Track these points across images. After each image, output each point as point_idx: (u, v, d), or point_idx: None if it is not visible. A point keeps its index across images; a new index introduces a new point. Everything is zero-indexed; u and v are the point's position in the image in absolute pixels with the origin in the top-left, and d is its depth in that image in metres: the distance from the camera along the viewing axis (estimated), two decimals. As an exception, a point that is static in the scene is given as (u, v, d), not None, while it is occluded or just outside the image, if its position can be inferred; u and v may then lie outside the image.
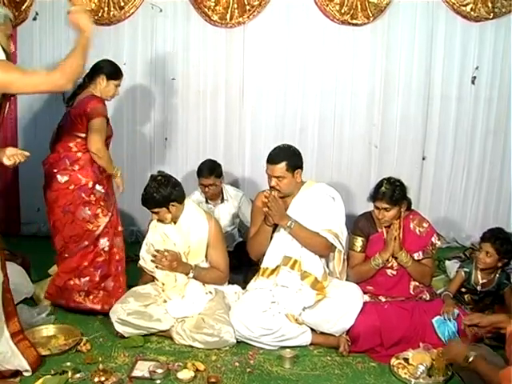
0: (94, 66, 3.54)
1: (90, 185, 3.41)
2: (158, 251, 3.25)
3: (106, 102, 3.53)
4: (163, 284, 3.32)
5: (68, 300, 3.50)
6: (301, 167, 3.29)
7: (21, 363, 2.72)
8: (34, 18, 5.02)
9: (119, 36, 4.94)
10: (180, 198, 3.30)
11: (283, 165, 3.19)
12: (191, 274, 3.26)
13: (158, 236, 3.35)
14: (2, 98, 2.59)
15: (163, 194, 3.21)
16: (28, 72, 2.56)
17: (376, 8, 4.68)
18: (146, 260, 3.38)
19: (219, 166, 4.21)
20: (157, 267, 3.27)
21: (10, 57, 2.67)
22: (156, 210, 3.24)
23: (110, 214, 3.48)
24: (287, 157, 3.23)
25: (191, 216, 3.35)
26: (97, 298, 3.48)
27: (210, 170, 4.12)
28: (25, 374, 2.74)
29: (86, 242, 3.43)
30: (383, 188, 3.20)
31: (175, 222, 3.32)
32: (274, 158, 3.22)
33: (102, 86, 3.51)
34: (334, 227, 3.24)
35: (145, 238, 3.50)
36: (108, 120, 3.50)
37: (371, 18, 4.70)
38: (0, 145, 2.70)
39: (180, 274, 3.28)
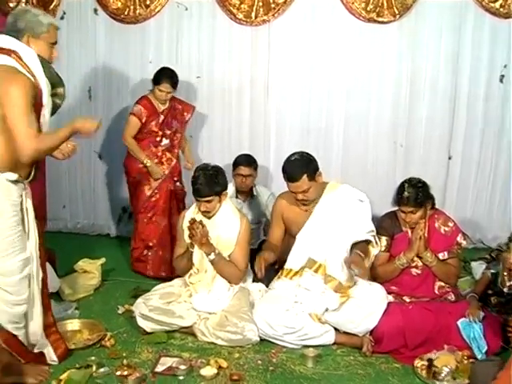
0: None
1: None
2: (195, 220, 3.25)
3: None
4: (197, 270, 3.34)
5: None
6: (318, 168, 3.27)
7: (49, 354, 2.83)
8: (62, 17, 5.08)
9: (145, 34, 4.98)
10: (226, 188, 3.39)
11: (304, 178, 3.16)
12: (212, 256, 3.25)
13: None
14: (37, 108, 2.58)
15: (220, 181, 3.28)
16: (28, 117, 2.46)
17: (402, 5, 4.63)
18: (185, 234, 3.37)
19: (256, 160, 4.28)
20: (190, 237, 3.26)
21: (52, 69, 2.67)
22: (210, 198, 3.25)
23: None
24: (305, 168, 3.19)
25: (226, 213, 3.37)
26: None
27: (248, 160, 4.21)
28: (51, 362, 2.83)
29: None
30: (406, 193, 3.16)
31: (210, 218, 3.34)
32: (293, 175, 3.18)
33: (154, 90, 4.20)
34: (372, 226, 3.29)
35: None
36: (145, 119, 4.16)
37: (397, 16, 4.65)
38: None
39: (211, 267, 3.30)
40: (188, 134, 4.95)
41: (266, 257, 3.26)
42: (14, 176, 2.51)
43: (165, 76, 4.18)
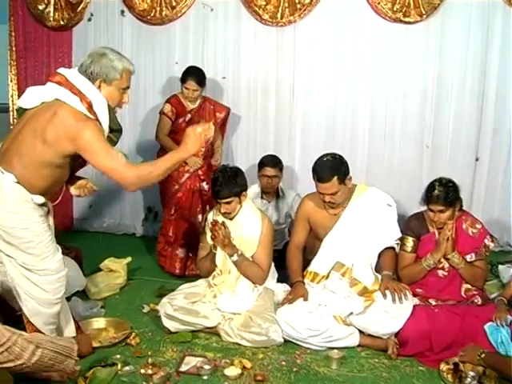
0: None
1: None
2: (217, 222, 3.27)
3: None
4: (221, 271, 3.35)
5: None
6: (349, 172, 3.24)
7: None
8: (89, 19, 5.16)
9: (171, 35, 5.03)
10: (246, 188, 3.40)
11: (334, 180, 3.13)
12: (235, 257, 3.26)
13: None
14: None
15: (239, 182, 3.29)
16: (110, 151, 2.51)
17: (429, 5, 4.58)
18: (207, 236, 3.39)
19: (281, 161, 4.28)
20: (212, 239, 3.28)
21: (116, 121, 2.67)
22: (230, 199, 3.26)
23: None
24: (336, 170, 3.16)
25: (247, 214, 3.38)
26: None
27: (274, 161, 4.22)
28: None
29: None
30: (436, 191, 3.13)
31: (232, 219, 3.36)
32: (323, 176, 3.15)
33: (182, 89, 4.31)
34: (400, 233, 3.29)
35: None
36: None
37: (424, 16, 4.61)
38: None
39: (234, 268, 3.31)
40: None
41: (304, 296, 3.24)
42: (41, 199, 2.58)
43: (190, 74, 4.27)
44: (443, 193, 3.12)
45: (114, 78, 2.58)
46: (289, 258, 3.47)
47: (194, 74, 4.28)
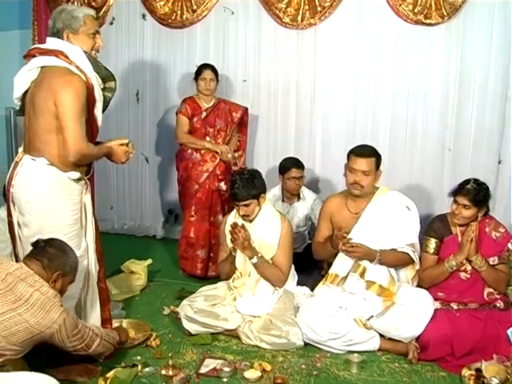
0: None
1: None
2: (236, 224, 3.28)
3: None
4: (240, 274, 3.36)
5: None
6: (380, 168, 3.32)
7: None
8: (111, 23, 5.23)
9: (191, 39, 5.06)
10: (265, 190, 3.40)
11: (372, 159, 3.24)
12: (255, 260, 3.27)
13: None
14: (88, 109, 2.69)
15: (257, 184, 3.31)
16: (78, 120, 2.57)
17: (451, 7, 4.53)
18: (227, 238, 3.41)
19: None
20: (232, 242, 3.29)
21: (99, 63, 2.74)
22: (248, 201, 3.28)
23: None
24: (376, 154, 3.29)
25: (267, 216, 3.39)
26: None
27: (298, 162, 4.26)
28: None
29: None
30: (469, 185, 3.13)
31: (251, 221, 3.36)
32: (364, 151, 3.27)
33: (198, 84, 4.36)
34: (415, 240, 3.26)
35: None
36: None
37: (446, 18, 4.55)
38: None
39: (254, 270, 3.32)
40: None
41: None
42: (77, 175, 2.68)
43: (204, 65, 4.39)
44: (475, 190, 3.11)
45: (78, 26, 2.68)
46: (316, 248, 3.49)
47: (209, 65, 4.38)
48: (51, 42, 2.69)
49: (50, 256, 2.45)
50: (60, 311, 2.36)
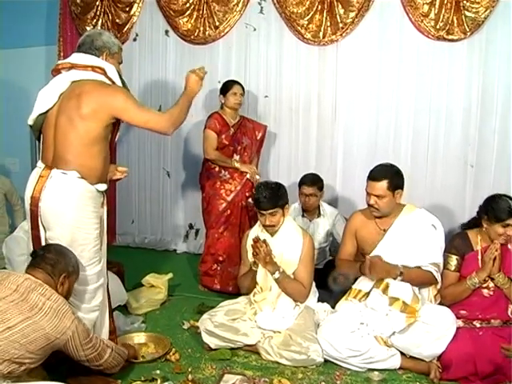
0: None
1: None
2: (258, 239, 3.29)
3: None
4: (261, 289, 3.35)
5: None
6: (402, 188, 3.25)
7: None
8: (134, 39, 5.31)
9: (214, 55, 5.12)
10: (288, 202, 3.44)
11: (384, 183, 3.17)
12: (277, 275, 3.27)
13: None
14: (115, 123, 2.80)
15: (282, 194, 3.35)
16: (143, 106, 2.81)
17: (473, 22, 4.51)
18: (248, 253, 3.43)
19: (322, 180, 4.29)
20: (254, 256, 3.30)
21: (126, 84, 2.88)
22: (275, 209, 3.30)
23: None
24: (389, 175, 3.20)
25: (289, 231, 3.40)
26: None
27: (312, 179, 4.23)
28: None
29: None
30: (507, 203, 3.05)
31: (273, 234, 3.37)
32: (375, 175, 3.22)
33: (226, 99, 4.34)
34: (439, 259, 3.21)
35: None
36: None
37: (468, 33, 4.54)
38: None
39: (275, 285, 3.31)
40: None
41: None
42: (104, 186, 2.76)
43: (233, 81, 4.39)
44: None
45: (115, 52, 2.86)
46: (340, 265, 3.42)
47: (236, 82, 4.39)
48: (87, 58, 2.76)
49: (51, 262, 2.51)
50: (72, 318, 2.41)
